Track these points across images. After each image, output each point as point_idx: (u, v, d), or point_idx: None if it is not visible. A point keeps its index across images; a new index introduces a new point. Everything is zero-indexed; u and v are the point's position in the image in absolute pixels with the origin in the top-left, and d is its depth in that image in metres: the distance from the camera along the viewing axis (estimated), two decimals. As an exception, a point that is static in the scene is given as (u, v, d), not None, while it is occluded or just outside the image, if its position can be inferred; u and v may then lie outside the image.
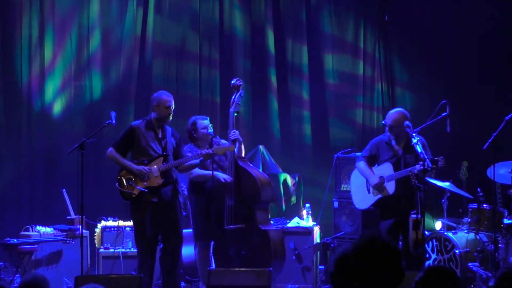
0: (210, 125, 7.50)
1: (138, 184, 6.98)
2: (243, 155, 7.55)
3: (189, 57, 9.51)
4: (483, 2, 9.09)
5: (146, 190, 6.95)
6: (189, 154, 7.36)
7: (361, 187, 7.45)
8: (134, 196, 7.00)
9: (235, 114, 7.46)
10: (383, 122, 7.41)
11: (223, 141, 7.55)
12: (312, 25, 9.52)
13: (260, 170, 7.74)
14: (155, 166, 7.00)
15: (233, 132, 7.40)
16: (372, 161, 7.38)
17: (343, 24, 9.51)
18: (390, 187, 7.18)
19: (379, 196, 7.27)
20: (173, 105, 7.12)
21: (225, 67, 9.50)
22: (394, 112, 7.28)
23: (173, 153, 7.13)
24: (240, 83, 7.57)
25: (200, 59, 9.50)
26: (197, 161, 7.12)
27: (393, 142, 7.26)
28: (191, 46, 9.51)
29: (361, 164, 7.41)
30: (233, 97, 7.52)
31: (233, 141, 7.37)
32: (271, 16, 9.51)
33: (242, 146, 7.52)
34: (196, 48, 9.51)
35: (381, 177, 7.21)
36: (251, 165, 7.69)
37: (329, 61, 9.50)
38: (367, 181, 7.36)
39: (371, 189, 7.34)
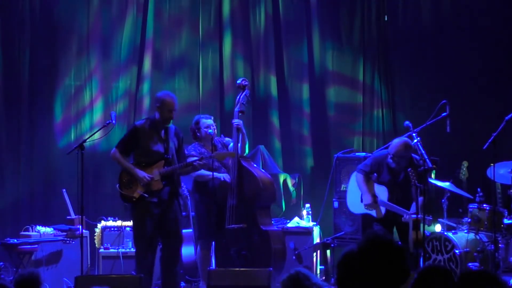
0: (213, 124, 7.52)
1: (138, 188, 6.98)
2: (246, 146, 7.55)
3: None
4: (483, 2, 9.09)
5: (146, 195, 6.94)
6: (193, 153, 7.37)
7: (357, 193, 7.49)
8: (134, 200, 7.00)
9: (240, 113, 7.48)
10: (388, 151, 7.34)
11: (227, 139, 7.57)
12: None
13: (263, 170, 7.73)
14: (156, 170, 6.99)
15: (237, 121, 7.39)
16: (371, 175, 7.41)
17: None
18: (381, 212, 7.27)
19: (367, 212, 7.35)
20: (176, 107, 7.10)
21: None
22: (397, 142, 7.22)
23: (174, 154, 7.13)
24: (246, 83, 7.59)
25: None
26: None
27: (395, 167, 7.24)
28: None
29: (359, 178, 7.40)
30: (238, 96, 7.54)
31: (237, 130, 7.37)
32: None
33: (246, 137, 7.51)
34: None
35: (374, 197, 7.24)
36: (255, 165, 7.70)
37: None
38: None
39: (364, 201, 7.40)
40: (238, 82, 7.66)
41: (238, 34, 9.59)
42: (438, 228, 7.90)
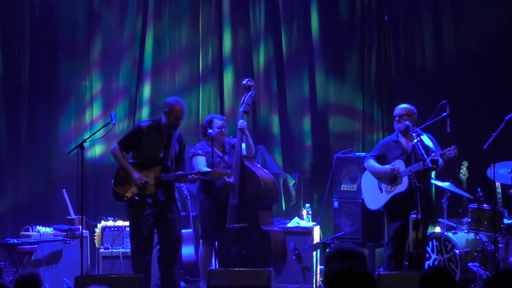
0: (225, 126, 7.50)
1: (132, 189, 6.98)
2: (252, 147, 7.56)
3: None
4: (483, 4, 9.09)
5: (137, 197, 6.94)
6: (200, 152, 7.37)
7: (373, 187, 7.43)
8: (125, 199, 7.00)
9: (244, 114, 7.49)
10: (394, 114, 7.39)
11: (235, 139, 7.57)
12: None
13: (266, 171, 7.71)
14: (152, 174, 6.98)
15: (241, 121, 7.41)
16: (380, 161, 7.38)
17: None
18: (403, 183, 7.19)
19: (392, 193, 7.25)
20: (184, 116, 7.09)
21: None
22: (403, 105, 7.32)
23: (174, 159, 7.12)
24: (252, 83, 7.59)
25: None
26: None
27: (402, 140, 7.27)
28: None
29: (370, 161, 7.41)
30: (244, 97, 7.54)
31: (241, 130, 7.39)
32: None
33: (250, 139, 7.51)
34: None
35: (393, 165, 7.21)
36: (258, 165, 7.69)
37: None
38: (378, 178, 7.36)
39: (384, 188, 7.34)
40: (244, 82, 7.66)
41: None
42: (438, 228, 7.90)
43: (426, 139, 7.11)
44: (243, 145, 7.48)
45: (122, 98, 9.53)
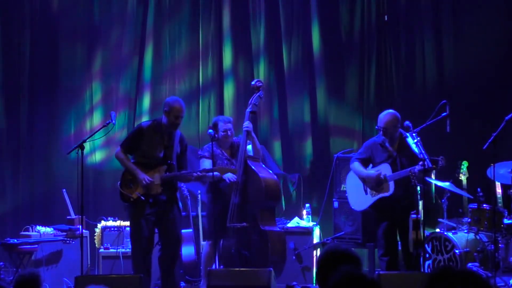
0: (230, 129, 7.47)
1: (138, 189, 6.98)
2: (258, 149, 7.53)
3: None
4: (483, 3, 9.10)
5: (143, 198, 6.94)
6: (206, 154, 7.37)
7: (358, 188, 7.45)
8: (132, 200, 7.00)
9: (251, 114, 7.49)
10: (376, 127, 7.40)
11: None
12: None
13: (270, 172, 7.69)
14: (157, 174, 6.98)
15: (247, 123, 7.40)
16: (366, 163, 7.38)
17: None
18: (389, 187, 7.20)
19: (377, 197, 7.28)
20: (184, 114, 7.09)
21: None
22: (386, 114, 7.30)
23: (176, 160, 7.12)
24: (260, 84, 7.58)
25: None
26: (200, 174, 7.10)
27: (387, 144, 7.28)
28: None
29: (355, 165, 7.41)
30: (252, 98, 7.52)
31: (247, 132, 7.37)
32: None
33: (256, 141, 7.49)
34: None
35: (378, 171, 7.22)
36: (263, 166, 7.66)
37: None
38: (363, 182, 7.37)
39: (369, 190, 7.36)
40: (252, 83, 7.65)
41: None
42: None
43: (410, 141, 7.09)
44: (249, 146, 7.47)
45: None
